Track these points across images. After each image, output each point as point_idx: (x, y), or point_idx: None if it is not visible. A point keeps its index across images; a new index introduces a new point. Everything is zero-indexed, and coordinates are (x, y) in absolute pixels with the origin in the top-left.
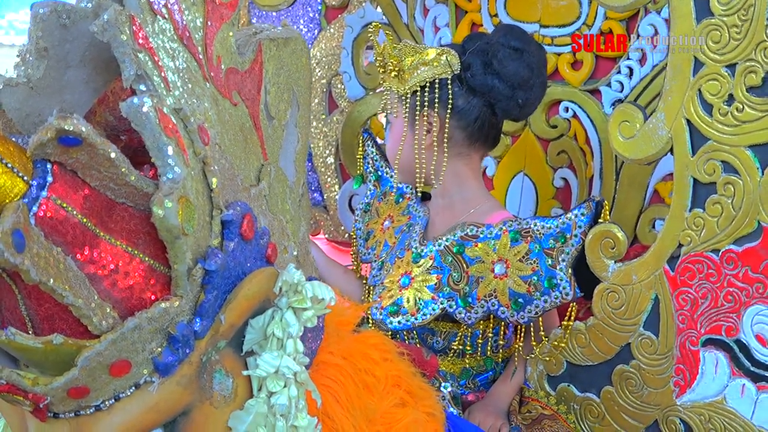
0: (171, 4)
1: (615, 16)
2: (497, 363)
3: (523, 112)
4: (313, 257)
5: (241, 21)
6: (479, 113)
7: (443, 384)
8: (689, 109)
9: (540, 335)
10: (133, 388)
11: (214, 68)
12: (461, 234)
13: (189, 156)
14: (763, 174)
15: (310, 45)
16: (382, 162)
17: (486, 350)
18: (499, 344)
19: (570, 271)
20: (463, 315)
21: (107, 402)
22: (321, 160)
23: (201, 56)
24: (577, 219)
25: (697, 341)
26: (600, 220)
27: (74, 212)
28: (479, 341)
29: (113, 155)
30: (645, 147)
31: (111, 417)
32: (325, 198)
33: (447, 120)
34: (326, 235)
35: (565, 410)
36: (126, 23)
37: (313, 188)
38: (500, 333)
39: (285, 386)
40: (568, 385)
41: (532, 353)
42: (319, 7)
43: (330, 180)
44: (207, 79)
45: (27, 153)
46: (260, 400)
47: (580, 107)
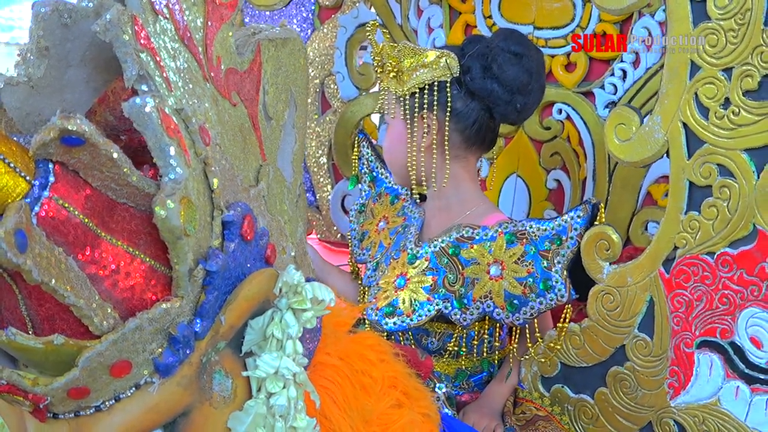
0: (172, 4)
1: (609, 19)
2: (492, 364)
3: (521, 117)
4: (311, 258)
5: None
6: (477, 116)
7: (438, 385)
8: (685, 113)
9: (535, 336)
10: (134, 389)
11: (214, 68)
12: (457, 236)
13: (190, 156)
14: (759, 177)
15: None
16: (378, 163)
17: (481, 351)
18: (494, 345)
19: (565, 273)
20: (459, 316)
21: (107, 402)
22: (314, 161)
23: (201, 56)
24: (573, 221)
25: (692, 343)
26: (596, 222)
27: (76, 212)
28: (474, 342)
29: (116, 155)
30: (641, 150)
31: (111, 417)
32: (318, 198)
33: (446, 123)
34: (318, 236)
35: (559, 411)
36: (128, 23)
37: (306, 188)
38: (495, 334)
39: (284, 387)
40: (562, 387)
41: (527, 354)
42: (313, 7)
43: (322, 180)
44: (207, 80)
45: (29, 153)
46: (259, 401)
47: (574, 109)
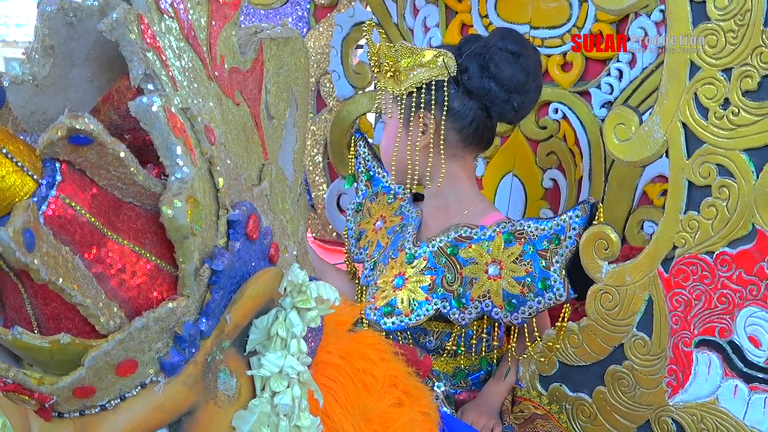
0: (177, 3)
1: (605, 19)
2: (490, 363)
3: (518, 116)
4: (311, 257)
5: None
6: (475, 116)
7: (436, 383)
8: (685, 113)
9: (534, 335)
10: (139, 388)
11: (218, 67)
12: (455, 235)
13: (196, 155)
14: (758, 177)
15: None
16: (374, 162)
17: (480, 350)
18: (493, 344)
19: (564, 273)
20: (457, 316)
21: (113, 402)
22: (309, 159)
23: (205, 55)
24: (572, 221)
25: (691, 342)
26: (594, 222)
27: (82, 211)
28: (472, 341)
29: (123, 155)
30: (640, 150)
31: (116, 417)
32: (313, 197)
33: (443, 122)
34: (313, 234)
35: (557, 410)
36: (134, 22)
37: None
38: (493, 333)
39: (288, 386)
40: (560, 385)
41: (525, 354)
42: (308, 6)
43: (318, 179)
44: (211, 79)
45: (36, 151)
46: (264, 400)
47: (570, 109)
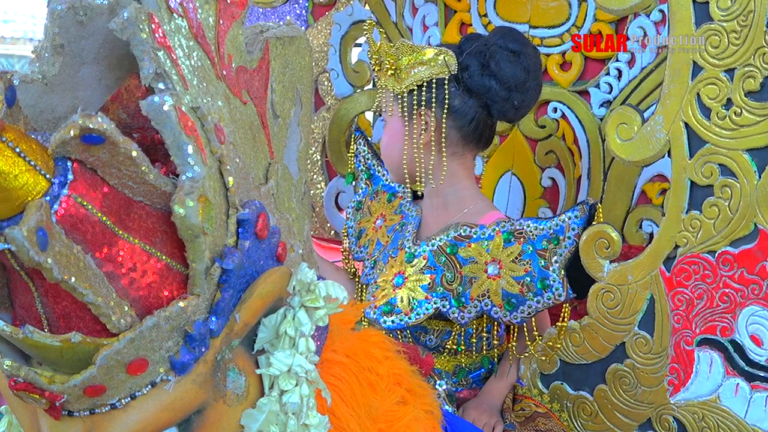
0: (186, 2)
1: (605, 18)
2: (491, 361)
3: (518, 114)
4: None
5: None
6: (475, 114)
7: (438, 382)
8: (687, 113)
9: (533, 334)
10: (150, 387)
11: (226, 66)
12: (455, 234)
13: (206, 155)
14: (761, 177)
15: None
16: (374, 160)
17: (480, 348)
18: (493, 343)
19: (563, 273)
20: (457, 315)
21: (123, 400)
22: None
23: (214, 54)
24: (571, 221)
25: (692, 341)
26: (594, 222)
27: (94, 210)
28: (473, 340)
29: (135, 154)
30: (643, 149)
31: (127, 415)
32: (311, 195)
33: (443, 120)
34: (311, 232)
35: (558, 408)
36: (145, 21)
37: None
38: (493, 332)
39: (296, 385)
40: (562, 384)
41: (526, 352)
42: (306, 4)
43: (316, 177)
44: (220, 78)
45: (48, 150)
46: (272, 399)
47: (569, 108)
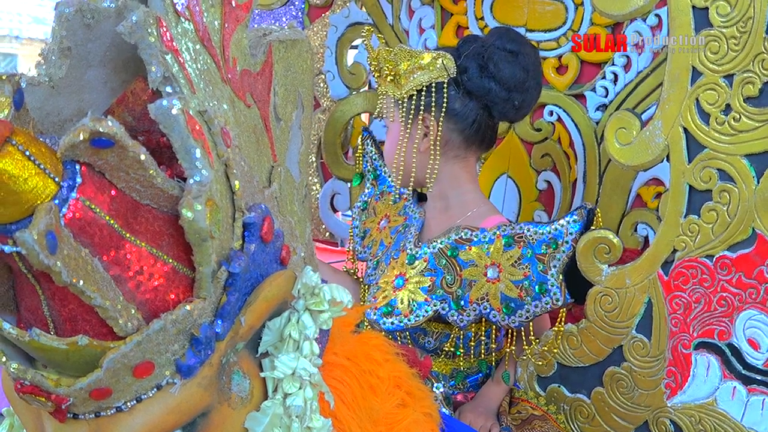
0: (193, 6)
1: (601, 22)
2: (489, 365)
3: (519, 114)
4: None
5: None
6: (476, 116)
7: (435, 384)
8: (686, 118)
9: (530, 339)
10: (155, 390)
11: (231, 70)
12: (456, 237)
13: (213, 158)
14: (759, 183)
15: None
16: (381, 161)
17: (478, 352)
18: (491, 347)
19: (561, 277)
20: (456, 317)
21: (129, 403)
22: None
23: (219, 58)
24: (569, 226)
25: (690, 344)
26: (593, 227)
27: (102, 213)
28: (471, 343)
29: (143, 157)
30: (641, 154)
31: (132, 418)
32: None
33: (444, 123)
34: None
35: (555, 410)
36: (153, 25)
37: None
38: (492, 336)
39: (300, 388)
40: (559, 386)
41: (524, 355)
42: (303, 6)
43: (311, 179)
44: (225, 81)
45: (57, 154)
46: (276, 402)
47: (565, 111)
